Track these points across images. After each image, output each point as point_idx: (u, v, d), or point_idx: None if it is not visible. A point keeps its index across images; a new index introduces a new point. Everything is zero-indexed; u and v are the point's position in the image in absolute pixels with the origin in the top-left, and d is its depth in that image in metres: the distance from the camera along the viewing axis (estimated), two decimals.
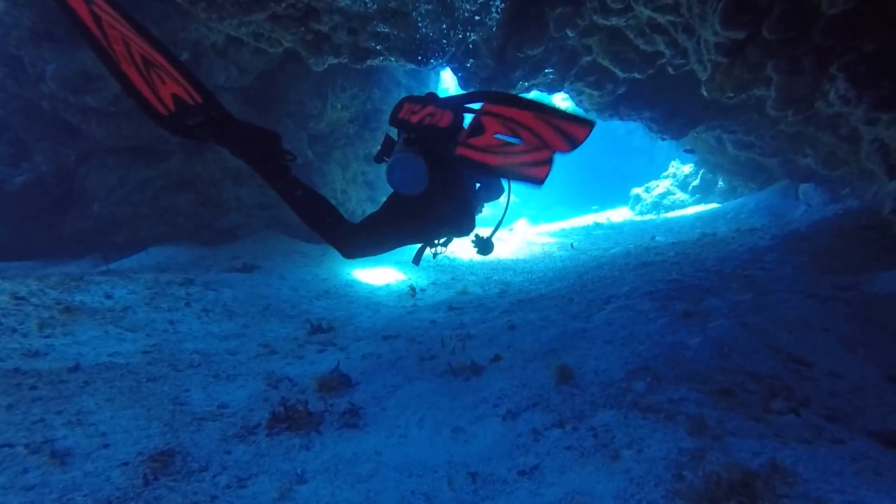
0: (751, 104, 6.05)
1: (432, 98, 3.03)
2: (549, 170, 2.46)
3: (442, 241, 3.46)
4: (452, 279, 6.87)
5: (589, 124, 2.24)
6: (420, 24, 5.06)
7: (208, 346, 3.68)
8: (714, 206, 11.81)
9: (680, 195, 14.01)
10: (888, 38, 2.76)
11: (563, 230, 12.42)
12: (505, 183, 3.67)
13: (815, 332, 2.70)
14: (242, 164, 7.42)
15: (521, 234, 12.35)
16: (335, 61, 5.75)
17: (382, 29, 5.17)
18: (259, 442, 2.43)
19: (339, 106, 7.86)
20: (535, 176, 2.49)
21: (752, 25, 3.05)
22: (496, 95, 2.53)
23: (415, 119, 2.84)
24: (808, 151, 6.28)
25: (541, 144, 2.38)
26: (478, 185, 4.16)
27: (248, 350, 3.77)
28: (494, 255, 8.16)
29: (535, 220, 20.43)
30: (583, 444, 2.09)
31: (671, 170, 15.28)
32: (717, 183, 12.58)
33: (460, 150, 2.57)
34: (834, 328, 2.73)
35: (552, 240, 10.49)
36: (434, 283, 6.58)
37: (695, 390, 2.32)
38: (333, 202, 8.36)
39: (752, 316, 2.93)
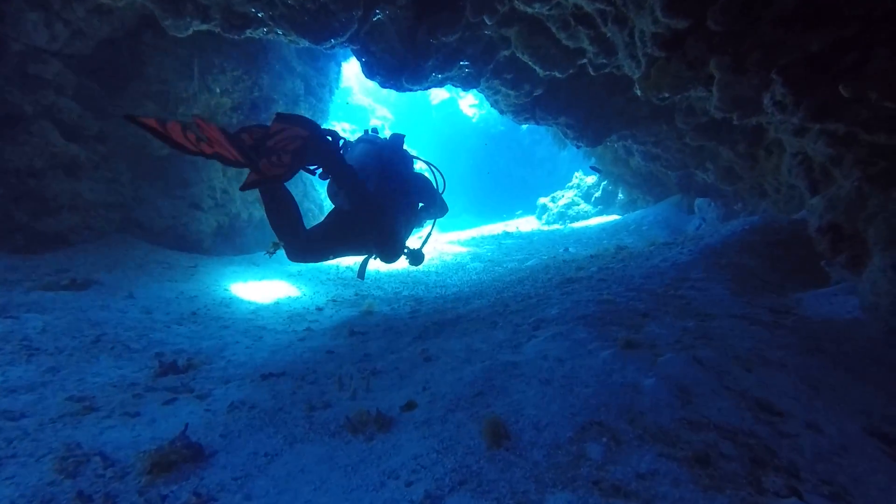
0: (661, 114, 6.07)
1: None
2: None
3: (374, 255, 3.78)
4: (356, 295, 6.02)
5: None
6: None
7: None
8: (615, 217, 12.25)
9: (584, 206, 14.44)
10: (835, 38, 2.54)
11: (473, 238, 12.12)
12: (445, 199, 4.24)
13: (774, 368, 2.35)
14: (79, 152, 5.80)
15: (431, 241, 11.82)
16: (204, 27, 4.59)
17: None
18: None
19: (218, 90, 6.58)
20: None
21: (696, 13, 2.71)
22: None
23: None
24: (710, 166, 6.47)
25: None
26: (420, 204, 4.87)
27: (48, 408, 2.63)
28: (403, 265, 7.44)
29: (444, 227, 20.18)
30: None
31: (575, 180, 15.77)
32: (617, 195, 13.13)
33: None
34: (790, 363, 2.41)
35: (463, 249, 10.06)
36: (334, 301, 5.67)
37: (665, 457, 1.78)
38: (212, 203, 7.04)
39: (703, 349, 2.54)
